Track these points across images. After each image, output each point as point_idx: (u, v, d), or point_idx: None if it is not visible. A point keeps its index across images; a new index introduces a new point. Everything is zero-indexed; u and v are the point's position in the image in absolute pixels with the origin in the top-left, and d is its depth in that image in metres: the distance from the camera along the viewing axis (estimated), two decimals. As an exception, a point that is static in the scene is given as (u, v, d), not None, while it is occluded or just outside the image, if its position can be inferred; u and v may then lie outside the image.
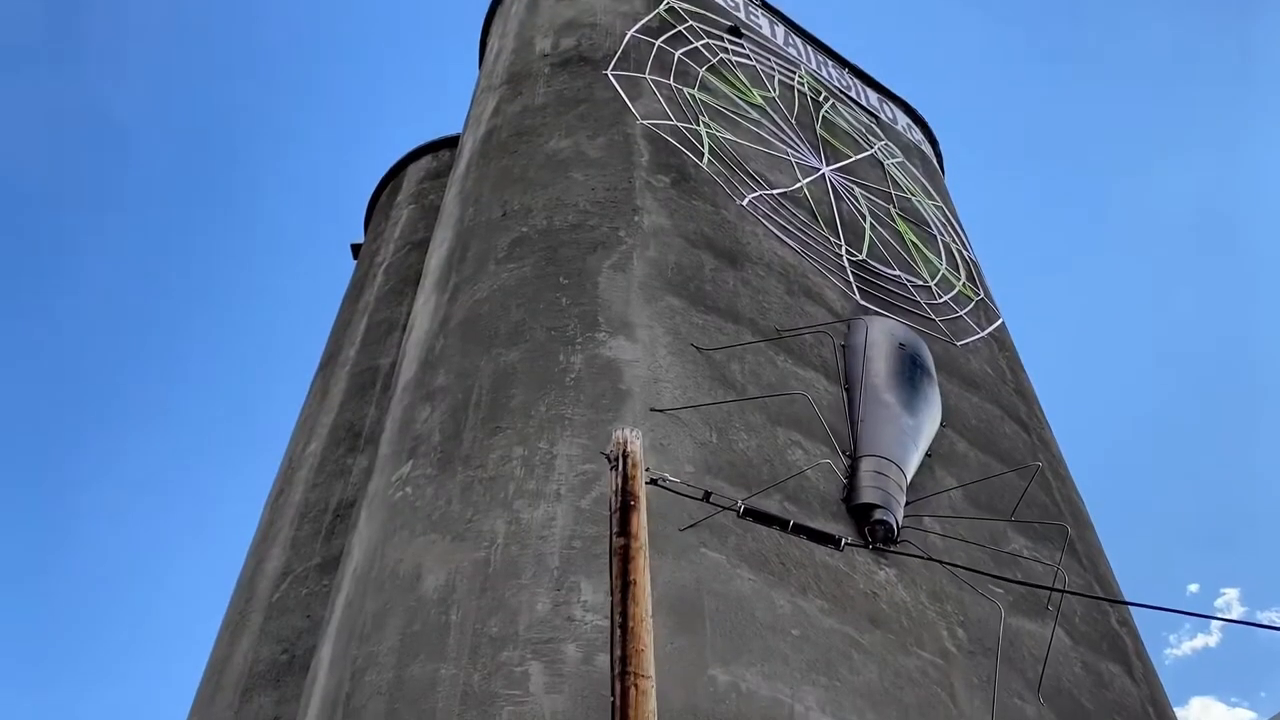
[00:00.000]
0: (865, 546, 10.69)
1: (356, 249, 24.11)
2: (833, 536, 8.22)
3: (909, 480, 11.90)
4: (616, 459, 7.51)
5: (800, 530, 8.15)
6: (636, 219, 13.75)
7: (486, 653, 8.85)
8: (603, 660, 8.52)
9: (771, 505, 10.49)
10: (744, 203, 15.28)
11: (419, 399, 12.13)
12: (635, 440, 7.61)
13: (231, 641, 14.55)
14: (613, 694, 6.32)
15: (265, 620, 14.36)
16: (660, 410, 11.08)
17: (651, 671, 6.38)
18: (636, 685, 6.29)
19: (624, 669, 6.38)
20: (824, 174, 17.66)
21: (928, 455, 12.76)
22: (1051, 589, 10.52)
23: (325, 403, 18.41)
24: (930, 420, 13.10)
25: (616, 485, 7.38)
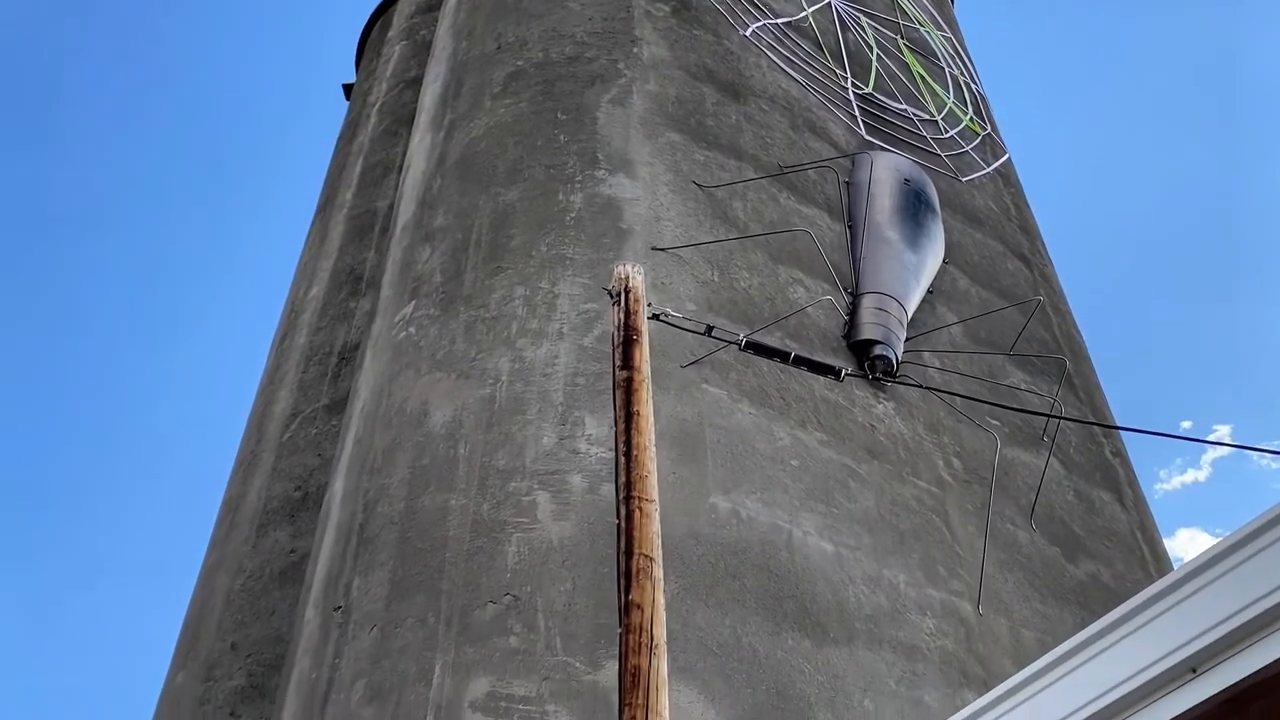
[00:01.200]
0: (865, 378, 10.81)
1: (349, 89, 23.47)
2: (833, 367, 8.30)
3: (910, 316, 11.94)
4: (618, 294, 7.51)
5: (801, 362, 8.23)
6: (635, 50, 13.33)
7: (495, 484, 9.09)
8: (607, 490, 8.75)
9: (773, 342, 10.55)
10: (747, 33, 14.78)
11: (418, 240, 12.06)
12: (637, 275, 7.60)
13: (244, 480, 14.93)
14: (618, 517, 6.51)
15: (277, 459, 14.69)
16: (661, 249, 11.03)
17: (655, 496, 6.56)
18: (641, 508, 6.48)
19: (628, 493, 6.55)
20: (830, 2, 17.02)
21: (929, 291, 12.77)
22: (1048, 415, 10.71)
23: (324, 247, 18.31)
24: (933, 256, 13.05)
25: (619, 320, 7.42)
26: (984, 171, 16.56)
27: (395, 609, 8.51)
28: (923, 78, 17.46)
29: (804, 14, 16.17)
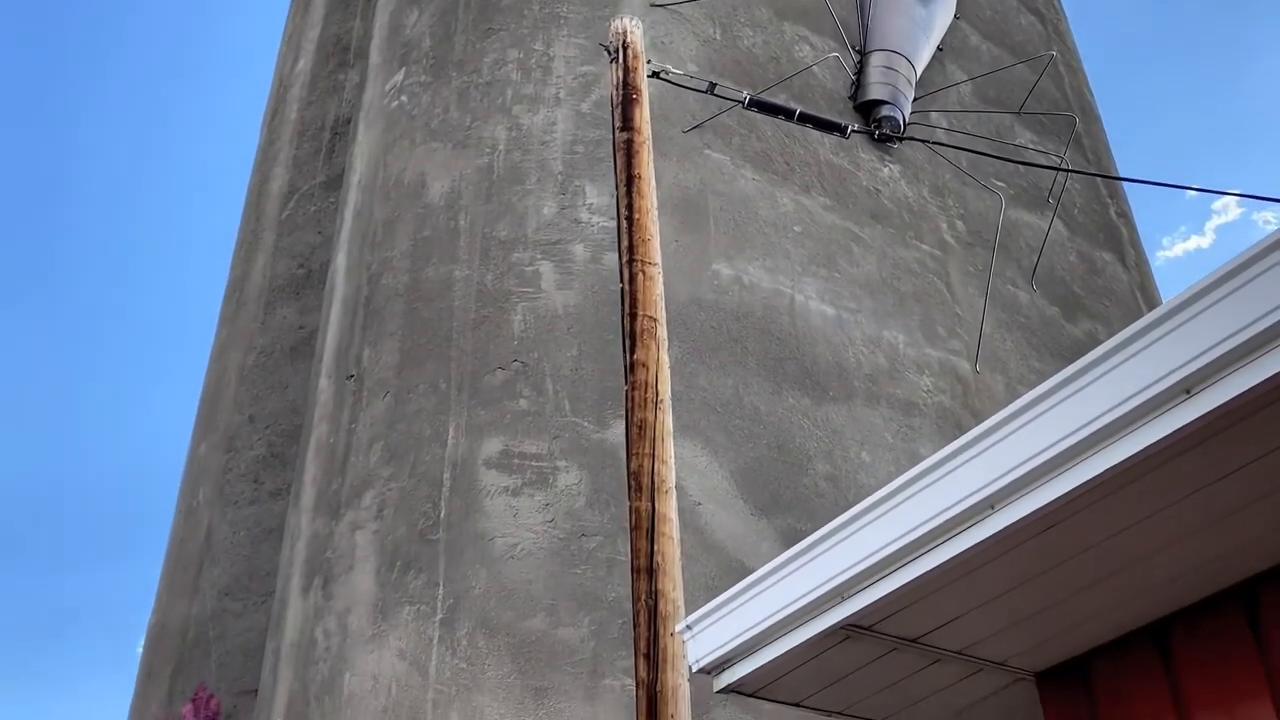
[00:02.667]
0: (871, 135, 10.59)
1: None
2: (839, 124, 8.10)
3: (918, 75, 11.55)
4: (616, 50, 7.23)
5: (806, 119, 8.03)
6: None
7: (497, 255, 9.09)
8: (610, 259, 8.75)
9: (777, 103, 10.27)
10: None
11: (404, 2, 11.51)
12: (635, 30, 7.29)
13: (247, 259, 14.94)
14: (621, 281, 6.55)
15: (278, 238, 14.65)
16: (660, 4, 10.54)
17: (658, 259, 6.57)
18: (644, 271, 6.51)
19: (631, 257, 6.56)
20: None
21: (939, 49, 12.29)
22: (1056, 169, 10.56)
23: (308, 17, 17.53)
24: (943, 10, 12.48)
25: (617, 78, 7.17)
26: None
27: (406, 376, 8.70)
28: None
29: None
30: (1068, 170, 10.96)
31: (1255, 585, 3.51)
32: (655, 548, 5.72)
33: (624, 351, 6.34)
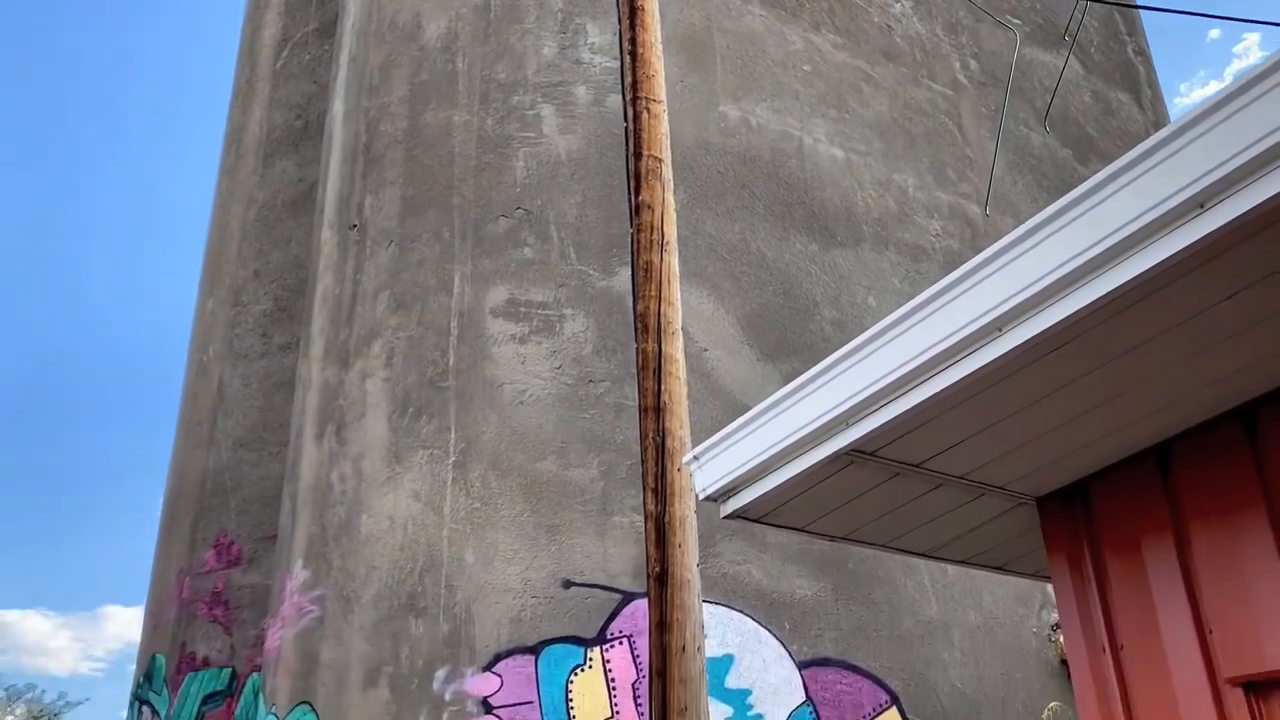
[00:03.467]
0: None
1: None
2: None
3: (933, -97, 11.01)
4: (617, -125, 6.87)
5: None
6: None
7: (497, 98, 8.88)
8: (614, 101, 8.54)
9: (784, -66, 9.83)
10: None
11: None
12: None
13: (244, 110, 14.64)
14: (625, 120, 6.40)
15: (273, 89, 14.31)
16: None
17: (663, 96, 6.40)
18: (649, 109, 6.35)
19: (635, 94, 6.40)
20: None
21: (956, -126, 11.67)
22: None
23: None
24: None
25: (618, -95, 6.84)
26: None
27: (409, 225, 8.63)
28: None
29: None
30: (1087, -1, 10.56)
31: (1255, 407, 3.54)
32: (662, 387, 5.77)
33: (629, 193, 6.25)
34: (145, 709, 11.90)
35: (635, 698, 6.89)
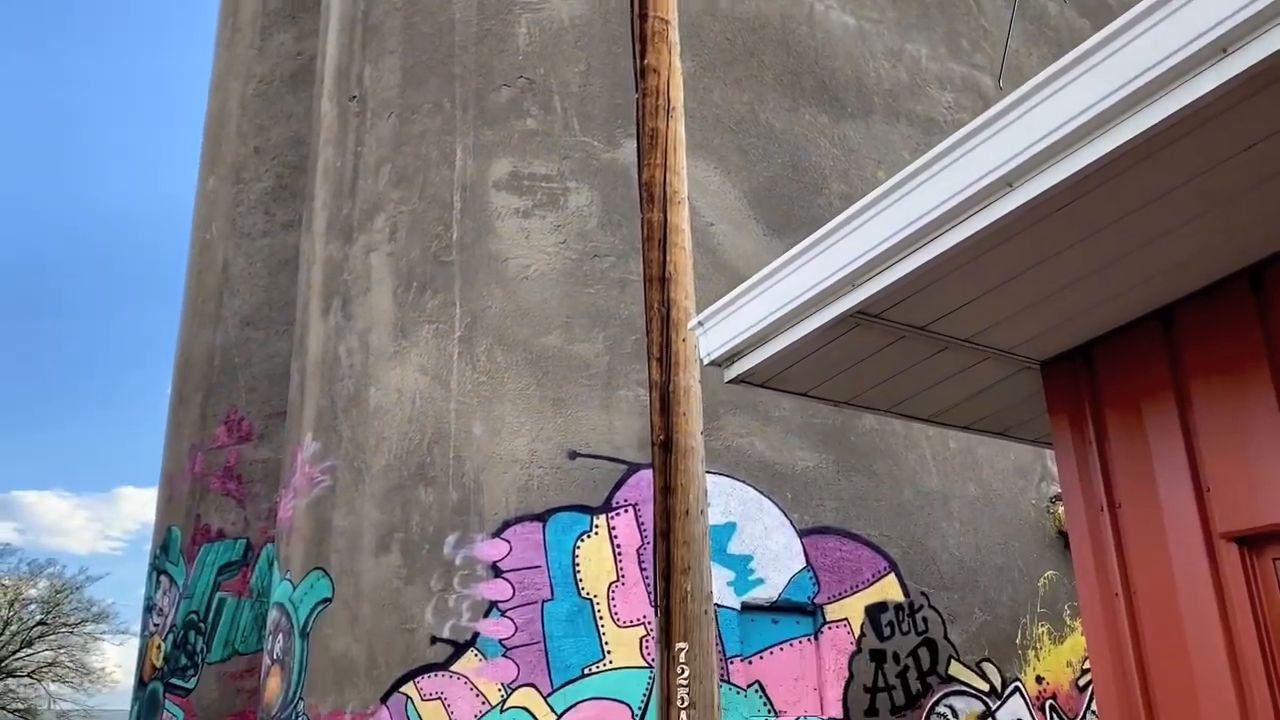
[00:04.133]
0: None
1: None
2: None
3: None
4: None
5: None
6: None
7: (498, -37, 8.58)
8: (618, -36, 8.26)
9: None
10: None
11: None
12: None
13: (238, -19, 14.21)
14: (630, -19, 6.19)
15: (267, -43, 13.86)
16: None
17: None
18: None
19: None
20: None
21: None
22: None
23: None
24: None
25: None
26: None
27: (410, 96, 8.46)
28: None
29: None
30: None
31: (1262, 267, 3.51)
32: (668, 257, 5.73)
33: (634, 57, 6.09)
34: (163, 579, 12.25)
35: (640, 562, 7.07)
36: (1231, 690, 3.43)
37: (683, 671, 5.03)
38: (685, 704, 4.97)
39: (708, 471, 6.48)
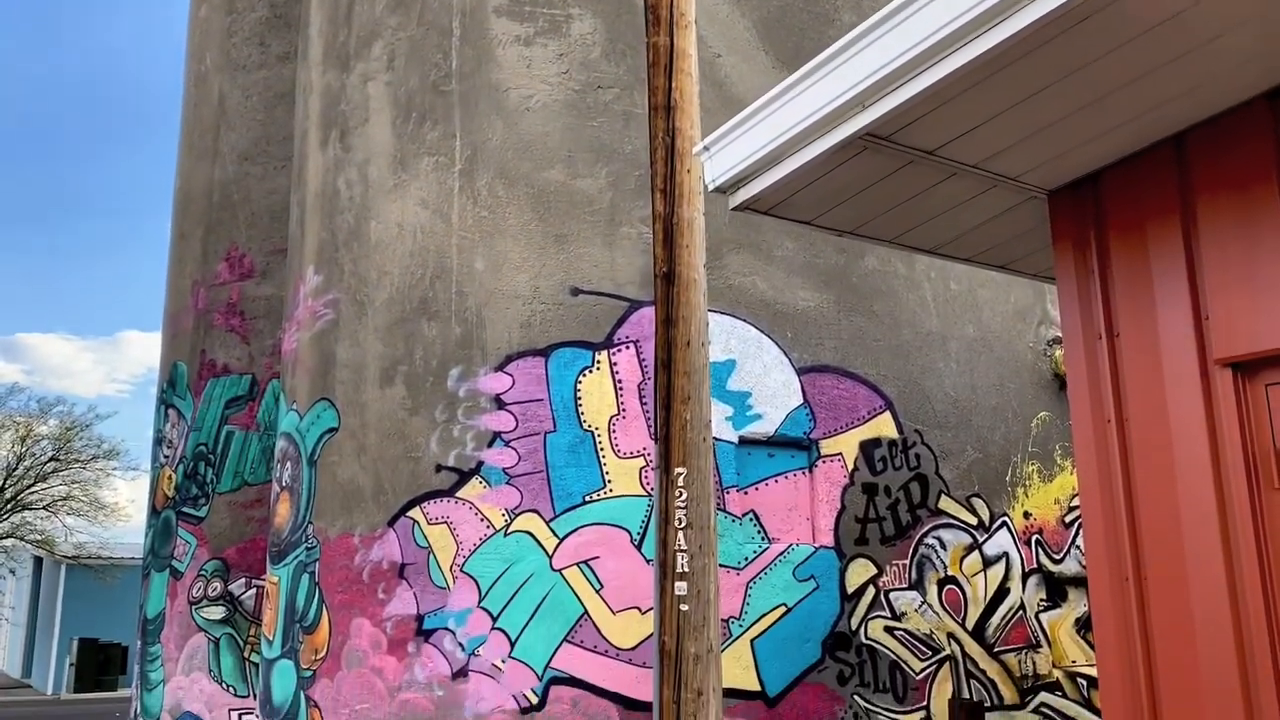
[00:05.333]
0: None
1: None
2: None
3: None
4: None
5: None
6: None
7: None
8: None
9: None
10: None
11: None
12: None
13: None
14: None
15: None
16: None
17: None
18: None
19: None
20: None
21: None
22: None
23: None
24: None
25: None
26: None
27: (406, -85, 8.09)
28: None
29: None
30: None
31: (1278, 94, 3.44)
32: (673, 84, 5.60)
33: None
34: (171, 413, 12.47)
35: (641, 397, 7.18)
36: (1215, 515, 3.54)
37: (680, 494, 5.19)
38: (683, 524, 5.14)
39: (709, 310, 6.51)
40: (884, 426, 7.82)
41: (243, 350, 12.09)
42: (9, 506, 32.28)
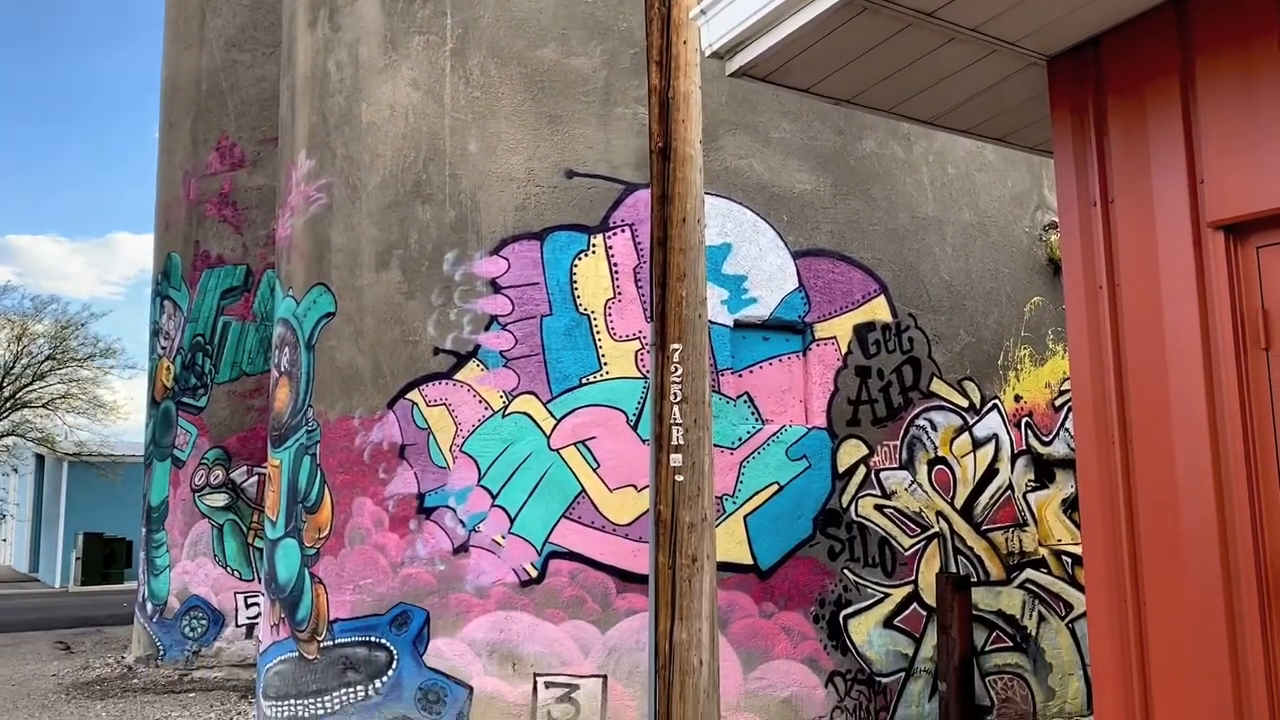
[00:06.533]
0: None
1: None
2: None
3: None
4: None
5: None
6: None
7: None
8: None
9: None
10: None
11: None
12: None
13: None
14: None
15: None
16: None
17: None
18: None
19: None
20: None
21: None
22: None
23: None
24: None
25: None
26: None
27: None
28: None
29: None
30: None
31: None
32: (669, -46, 5.47)
33: None
34: (167, 304, 12.48)
35: (636, 281, 7.20)
36: (1201, 376, 3.61)
37: (676, 370, 5.25)
38: (678, 399, 5.22)
39: (706, 193, 6.48)
40: (878, 310, 7.87)
41: (236, 241, 12.04)
42: (8, 404, 32.50)
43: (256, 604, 11.29)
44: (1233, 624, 3.47)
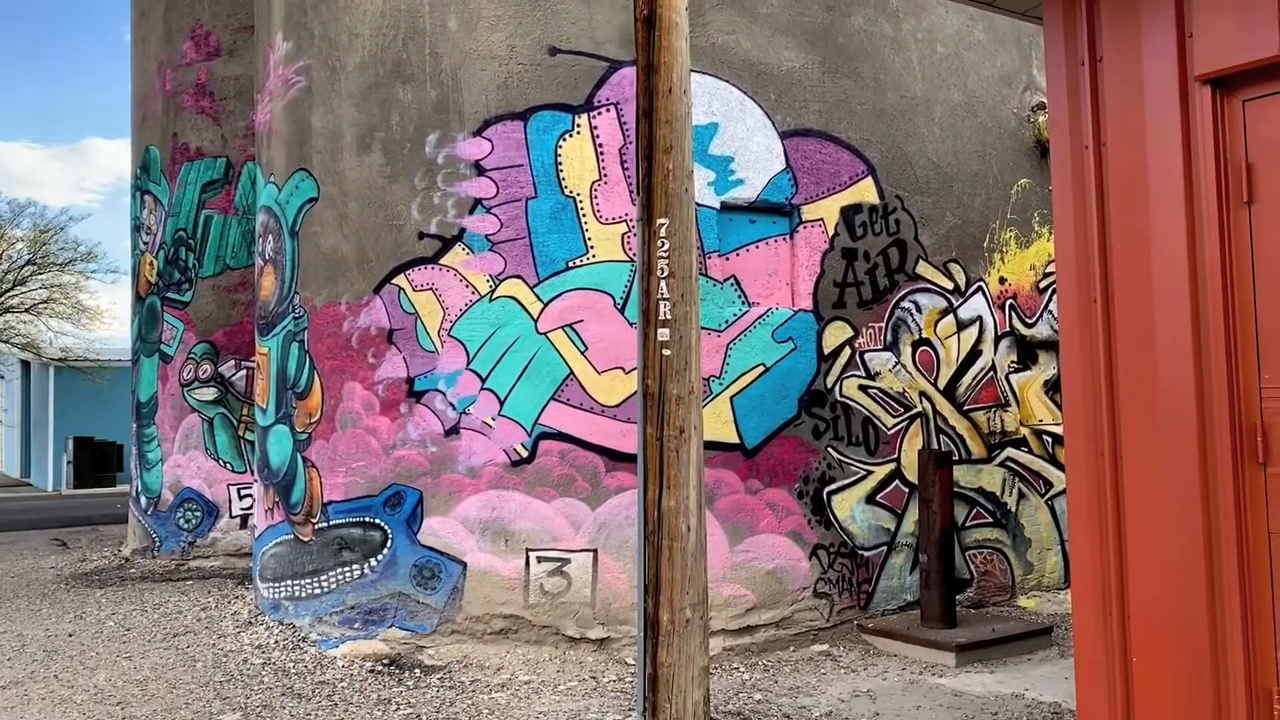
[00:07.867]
0: None
1: None
2: None
3: None
4: None
5: None
6: None
7: None
8: None
9: None
10: None
11: None
12: None
13: None
14: None
15: None
16: None
17: None
18: None
19: None
20: None
21: None
22: None
23: None
24: None
25: None
26: None
27: None
28: None
29: None
30: None
31: None
32: None
33: None
34: (148, 199, 12.32)
35: (622, 162, 7.13)
36: (1184, 231, 3.63)
37: (663, 245, 5.25)
38: (665, 274, 5.23)
39: (692, 70, 6.36)
40: (865, 192, 7.84)
41: (215, 132, 11.84)
42: (-10, 310, 32.24)
43: (250, 495, 11.45)
44: (1207, 498, 3.55)
